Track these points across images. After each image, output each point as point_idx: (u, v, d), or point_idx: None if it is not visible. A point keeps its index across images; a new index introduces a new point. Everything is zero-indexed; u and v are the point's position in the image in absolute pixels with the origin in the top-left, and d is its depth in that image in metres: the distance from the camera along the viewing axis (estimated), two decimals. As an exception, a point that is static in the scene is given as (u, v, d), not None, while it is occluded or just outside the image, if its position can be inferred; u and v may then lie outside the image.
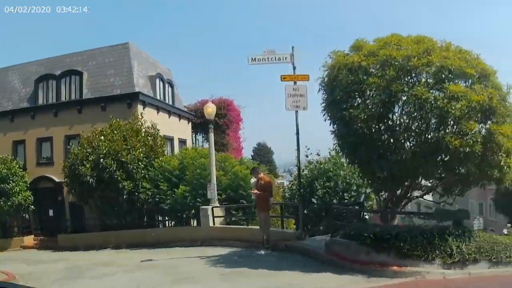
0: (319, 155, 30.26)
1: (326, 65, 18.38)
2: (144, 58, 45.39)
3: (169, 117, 45.05)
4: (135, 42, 45.84)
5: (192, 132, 51.09)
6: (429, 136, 16.73)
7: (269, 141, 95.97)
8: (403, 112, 17.03)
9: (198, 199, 28.00)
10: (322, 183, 26.79)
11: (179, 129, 46.84)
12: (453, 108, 15.21)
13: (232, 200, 28.73)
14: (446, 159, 16.34)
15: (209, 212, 25.73)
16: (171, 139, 44.30)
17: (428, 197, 23.09)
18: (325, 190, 26.48)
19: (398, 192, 18.94)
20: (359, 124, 16.89)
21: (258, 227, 22.21)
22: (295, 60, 20.96)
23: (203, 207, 26.35)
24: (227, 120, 52.19)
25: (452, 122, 15.85)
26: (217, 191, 27.25)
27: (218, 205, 26.88)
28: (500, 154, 15.92)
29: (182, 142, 46.60)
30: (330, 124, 18.40)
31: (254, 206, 22.26)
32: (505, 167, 16.37)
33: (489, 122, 16.09)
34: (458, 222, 16.57)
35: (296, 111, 20.70)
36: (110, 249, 28.62)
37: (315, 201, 26.02)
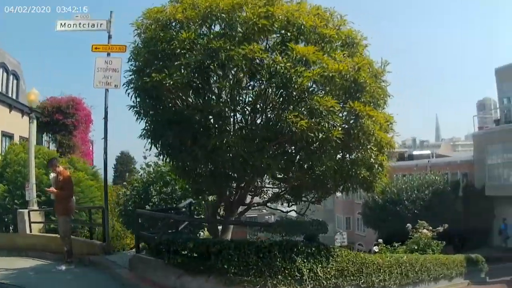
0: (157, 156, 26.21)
1: (135, 24, 13.66)
2: (-10, 47, 40.32)
3: (10, 111, 39.50)
4: None
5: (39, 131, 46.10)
6: (266, 116, 12.70)
7: (133, 150, 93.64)
8: (229, 79, 12.24)
9: (17, 201, 23.75)
10: (158, 188, 23.20)
11: (21, 126, 40.79)
12: (300, 75, 11.13)
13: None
14: (291, 149, 12.54)
15: (26, 217, 21.40)
16: (10, 136, 39.53)
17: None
18: (161, 197, 22.95)
19: (233, 195, 15.01)
20: (168, 96, 12.68)
21: (76, 236, 19.35)
22: (111, 28, 17.06)
23: (20, 210, 21.88)
24: (75, 120, 47.33)
25: (298, 97, 11.68)
26: (37, 192, 22.65)
27: (37, 208, 22.37)
28: (369, 147, 12.44)
29: (25, 140, 41.50)
30: (130, 98, 13.64)
31: (54, 210, 17.94)
32: (376, 166, 12.96)
33: (354, 102, 12.02)
34: (311, 237, 13.41)
35: (106, 90, 16.56)
36: None
37: (150, 209, 21.99)
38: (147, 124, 13.70)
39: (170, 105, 12.81)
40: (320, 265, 12.35)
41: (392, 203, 36.49)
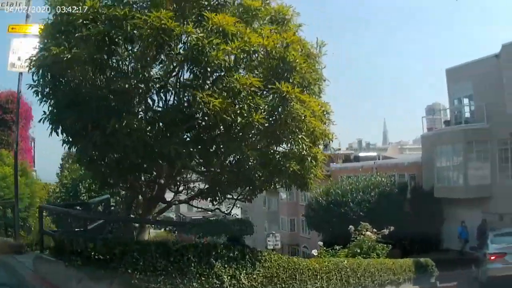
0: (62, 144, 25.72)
1: None
2: None
3: None
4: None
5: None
6: (178, 96, 10.99)
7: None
8: (133, 52, 10.70)
9: None
10: (87, 185, 22.79)
11: (-45, 122, 39.70)
12: (215, 48, 9.71)
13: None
14: (207, 136, 10.89)
15: (-51, 214, 20.83)
16: None
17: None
18: (90, 194, 22.37)
19: (149, 191, 13.33)
20: (70, 74, 10.71)
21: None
22: (30, 7, 15.81)
23: None
24: (14, 115, 45.57)
25: (215, 73, 10.21)
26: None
27: (-39, 206, 21.96)
28: (301, 136, 10.90)
29: (-45, 135, 39.77)
30: (32, 76, 11.57)
31: None
32: (309, 159, 11.41)
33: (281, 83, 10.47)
34: (234, 239, 12.17)
35: (20, 73, 15.61)
36: None
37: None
38: (49, 107, 11.66)
39: (72, 84, 10.97)
40: (244, 271, 11.27)
41: (337, 205, 35.21)
